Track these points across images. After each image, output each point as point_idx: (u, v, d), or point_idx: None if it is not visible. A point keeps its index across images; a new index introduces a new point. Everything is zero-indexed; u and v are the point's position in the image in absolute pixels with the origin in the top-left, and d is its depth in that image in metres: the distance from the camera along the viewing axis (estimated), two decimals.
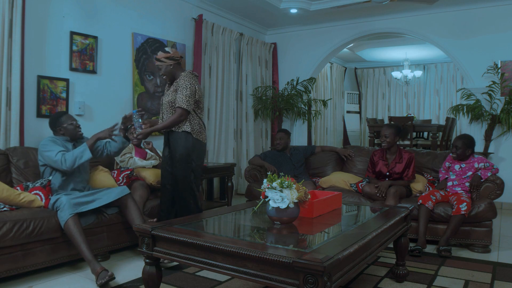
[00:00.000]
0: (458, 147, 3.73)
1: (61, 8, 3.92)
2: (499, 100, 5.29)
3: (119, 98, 4.49)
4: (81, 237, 2.79)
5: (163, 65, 3.31)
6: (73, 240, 2.80)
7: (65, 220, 2.79)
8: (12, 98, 3.46)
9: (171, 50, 3.32)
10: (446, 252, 3.34)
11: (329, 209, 2.73)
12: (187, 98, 3.20)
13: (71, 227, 2.79)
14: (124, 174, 3.57)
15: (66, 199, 2.87)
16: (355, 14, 6.05)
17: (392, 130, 3.96)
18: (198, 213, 2.87)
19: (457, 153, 3.74)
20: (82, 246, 2.77)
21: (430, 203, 3.56)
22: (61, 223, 2.82)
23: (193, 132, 3.27)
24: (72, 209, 2.84)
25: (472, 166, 3.73)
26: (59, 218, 2.84)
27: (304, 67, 6.77)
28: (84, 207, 2.94)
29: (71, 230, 2.79)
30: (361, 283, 2.77)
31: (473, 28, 5.54)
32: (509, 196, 5.13)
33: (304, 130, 7.05)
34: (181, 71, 3.35)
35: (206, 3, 5.56)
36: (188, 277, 2.84)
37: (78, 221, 2.84)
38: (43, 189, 3.04)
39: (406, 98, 10.36)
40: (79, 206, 2.91)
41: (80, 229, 2.81)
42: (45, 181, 3.08)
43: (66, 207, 2.82)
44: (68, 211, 2.81)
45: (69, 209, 2.82)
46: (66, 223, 2.80)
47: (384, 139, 3.98)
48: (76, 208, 2.88)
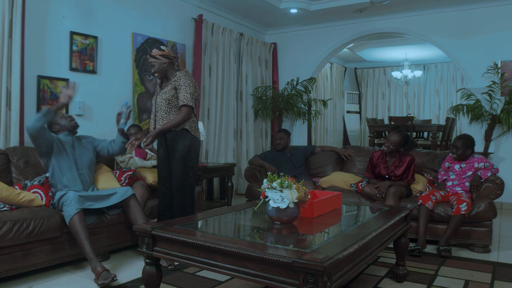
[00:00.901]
0: (458, 147, 3.73)
1: (61, 8, 3.92)
2: (499, 100, 5.29)
3: (119, 98, 4.49)
4: (85, 234, 2.79)
5: (157, 62, 3.29)
6: (76, 236, 2.80)
7: (72, 215, 2.79)
8: (12, 98, 3.46)
9: (166, 48, 3.32)
10: (446, 252, 3.34)
11: (329, 209, 2.73)
12: (191, 95, 3.21)
13: (77, 223, 2.79)
14: (127, 175, 3.57)
15: (73, 194, 2.87)
16: (355, 14, 6.04)
17: (399, 139, 3.86)
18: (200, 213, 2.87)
19: (457, 153, 3.73)
20: (85, 243, 2.77)
21: (430, 203, 3.56)
22: (67, 218, 2.81)
23: (191, 129, 3.27)
24: (79, 204, 2.84)
25: (472, 166, 3.73)
26: (64, 213, 2.84)
27: (304, 67, 6.77)
28: (90, 204, 2.94)
29: (76, 226, 2.79)
30: (361, 283, 2.77)
31: (473, 28, 5.54)
32: (509, 196, 5.13)
33: (304, 130, 7.05)
34: (174, 70, 3.36)
35: (206, 3, 5.56)
36: (188, 277, 2.84)
37: (83, 217, 2.84)
38: (41, 186, 3.04)
39: (406, 98, 10.36)
40: (85, 201, 2.91)
41: (84, 226, 2.82)
42: (42, 178, 3.08)
43: (74, 202, 2.82)
44: (75, 206, 2.81)
45: (76, 204, 2.82)
46: (72, 219, 2.79)
47: (388, 144, 3.90)
48: (83, 203, 2.88)
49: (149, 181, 3.66)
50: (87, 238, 2.79)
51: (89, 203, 2.94)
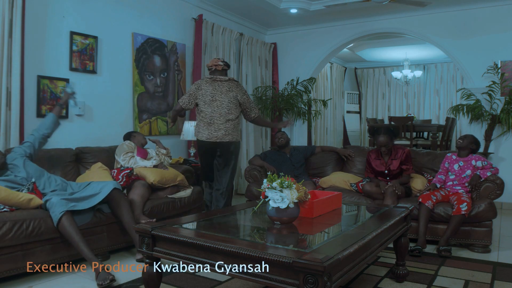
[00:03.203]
0: (465, 139, 3.79)
1: (61, 8, 3.92)
2: (499, 100, 5.29)
3: (119, 98, 4.49)
4: (77, 236, 2.77)
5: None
6: (70, 240, 2.78)
7: (58, 218, 2.75)
8: (12, 98, 3.46)
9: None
10: (446, 252, 3.34)
11: (329, 209, 2.73)
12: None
13: (66, 226, 2.76)
14: (124, 173, 3.55)
15: (55, 198, 2.84)
16: (355, 14, 6.05)
17: (387, 138, 3.99)
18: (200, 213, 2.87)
19: (463, 143, 3.77)
20: (80, 245, 2.76)
21: (430, 203, 3.56)
22: (55, 222, 2.78)
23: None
24: (63, 207, 2.79)
25: (470, 164, 3.74)
26: (52, 217, 2.80)
27: (304, 67, 6.77)
28: (73, 205, 2.89)
29: (66, 230, 2.76)
30: (361, 283, 2.77)
31: (473, 28, 5.54)
32: (509, 196, 5.13)
33: (304, 130, 7.05)
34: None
35: (206, 3, 5.56)
36: (188, 277, 2.84)
37: (71, 219, 2.80)
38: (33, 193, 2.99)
39: (406, 98, 10.36)
40: (69, 203, 2.86)
41: (75, 228, 2.79)
42: (30, 185, 3.01)
43: (57, 206, 2.78)
44: (59, 209, 2.77)
45: (60, 207, 2.78)
46: (59, 223, 2.76)
47: (383, 147, 4.00)
48: (67, 205, 2.83)
49: (149, 180, 3.66)
50: (81, 240, 2.77)
51: (72, 205, 2.88)
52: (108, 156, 3.90)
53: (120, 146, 3.87)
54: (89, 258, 2.75)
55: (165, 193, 3.82)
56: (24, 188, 2.99)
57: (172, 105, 5.10)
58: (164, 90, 5.01)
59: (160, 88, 4.95)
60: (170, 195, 3.83)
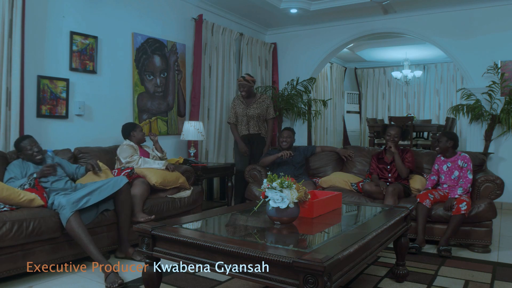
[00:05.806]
0: (439, 141, 3.82)
1: (61, 8, 3.92)
2: (499, 100, 5.29)
3: (119, 98, 4.49)
4: (87, 237, 2.78)
5: (247, 85, 4.90)
6: (79, 241, 2.78)
7: (67, 219, 2.76)
8: (12, 98, 3.46)
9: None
10: (446, 252, 3.34)
11: (329, 209, 2.73)
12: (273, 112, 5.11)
13: (75, 227, 2.76)
14: (125, 173, 3.56)
15: (64, 198, 2.85)
16: (355, 14, 6.04)
17: (398, 130, 4.13)
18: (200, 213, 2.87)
19: (439, 146, 3.81)
20: (90, 246, 2.76)
21: (427, 201, 3.56)
22: (63, 221, 2.79)
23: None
24: (73, 207, 2.81)
25: (457, 164, 3.74)
26: (61, 217, 2.82)
27: (304, 67, 6.77)
28: (88, 200, 2.91)
29: (75, 231, 2.77)
30: (361, 283, 2.77)
31: (473, 28, 5.54)
32: (509, 196, 5.13)
33: (304, 130, 7.04)
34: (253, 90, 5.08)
35: (206, 3, 5.55)
36: (188, 277, 2.84)
37: (80, 220, 2.81)
38: (34, 190, 2.99)
39: (406, 98, 10.36)
40: (78, 202, 2.87)
41: (84, 229, 2.80)
42: (31, 181, 3.01)
43: (67, 207, 2.79)
44: (69, 209, 2.78)
45: (69, 208, 2.79)
46: (68, 223, 2.77)
47: (392, 137, 4.06)
48: (76, 205, 2.84)
49: (151, 181, 3.66)
50: (91, 241, 2.78)
51: (84, 201, 2.88)
52: (108, 156, 3.90)
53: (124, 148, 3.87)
54: (98, 260, 2.74)
55: (165, 193, 3.82)
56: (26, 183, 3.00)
57: (172, 105, 5.10)
58: (164, 90, 5.01)
59: (160, 88, 4.95)
60: (170, 195, 3.83)
